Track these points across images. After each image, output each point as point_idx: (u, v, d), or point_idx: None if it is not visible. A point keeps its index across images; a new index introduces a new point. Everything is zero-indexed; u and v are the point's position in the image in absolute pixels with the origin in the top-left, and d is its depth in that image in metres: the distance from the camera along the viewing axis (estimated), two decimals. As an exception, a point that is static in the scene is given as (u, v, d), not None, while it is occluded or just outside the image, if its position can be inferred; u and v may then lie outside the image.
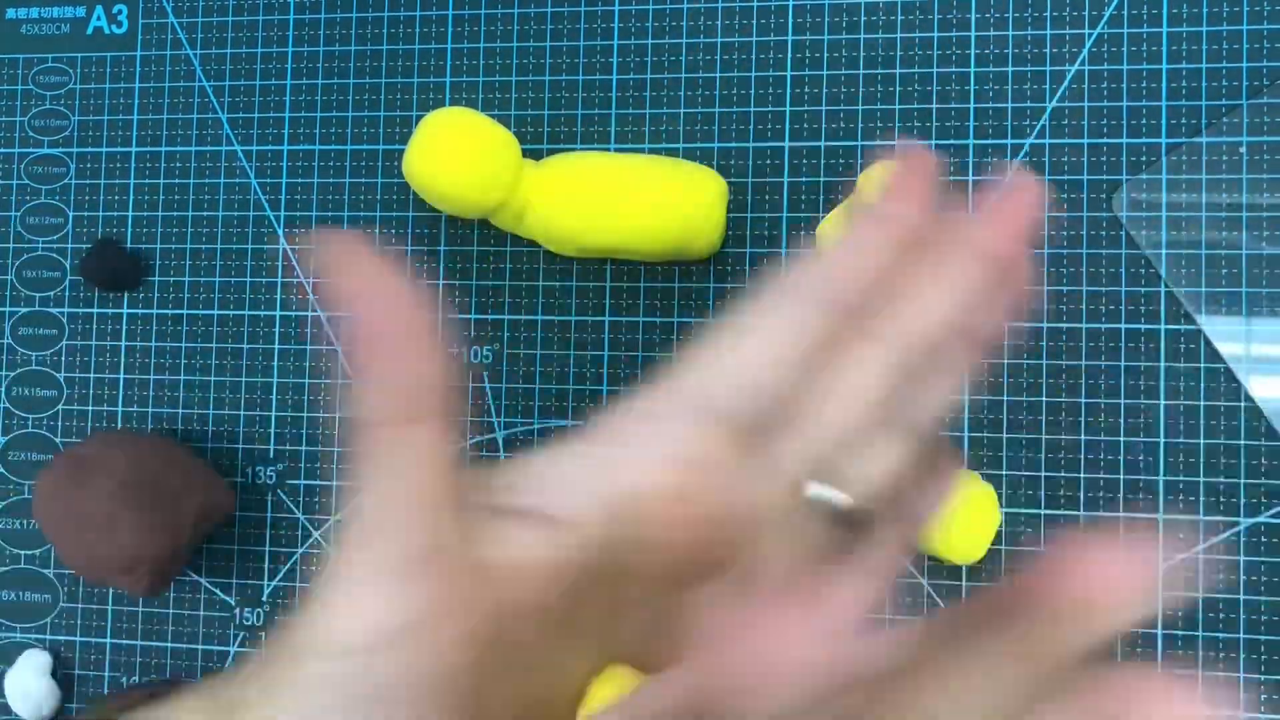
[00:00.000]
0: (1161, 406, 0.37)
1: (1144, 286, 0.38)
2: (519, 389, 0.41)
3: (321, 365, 0.42)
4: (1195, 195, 0.36)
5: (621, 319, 0.40)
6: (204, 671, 0.42)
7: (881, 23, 0.39)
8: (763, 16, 0.40)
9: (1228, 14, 0.38)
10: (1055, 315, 0.38)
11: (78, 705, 0.43)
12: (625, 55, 0.41)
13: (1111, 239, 0.38)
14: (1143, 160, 0.38)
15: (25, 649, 0.43)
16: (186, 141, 0.43)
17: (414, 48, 0.42)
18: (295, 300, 0.42)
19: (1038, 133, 0.38)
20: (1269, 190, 0.36)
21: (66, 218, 0.44)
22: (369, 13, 0.43)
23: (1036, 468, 0.38)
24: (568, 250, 0.39)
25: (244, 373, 0.42)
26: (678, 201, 0.37)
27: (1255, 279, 0.36)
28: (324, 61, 0.43)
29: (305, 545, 0.42)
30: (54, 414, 0.43)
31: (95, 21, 0.44)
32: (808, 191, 0.40)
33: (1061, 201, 0.38)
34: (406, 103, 0.42)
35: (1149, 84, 0.38)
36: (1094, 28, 0.38)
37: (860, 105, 0.39)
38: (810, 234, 0.39)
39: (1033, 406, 0.38)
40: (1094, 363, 0.38)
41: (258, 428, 0.42)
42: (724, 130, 0.40)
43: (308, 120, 0.43)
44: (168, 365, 0.43)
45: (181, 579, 0.42)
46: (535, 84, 0.41)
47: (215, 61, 0.43)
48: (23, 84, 0.44)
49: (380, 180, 0.42)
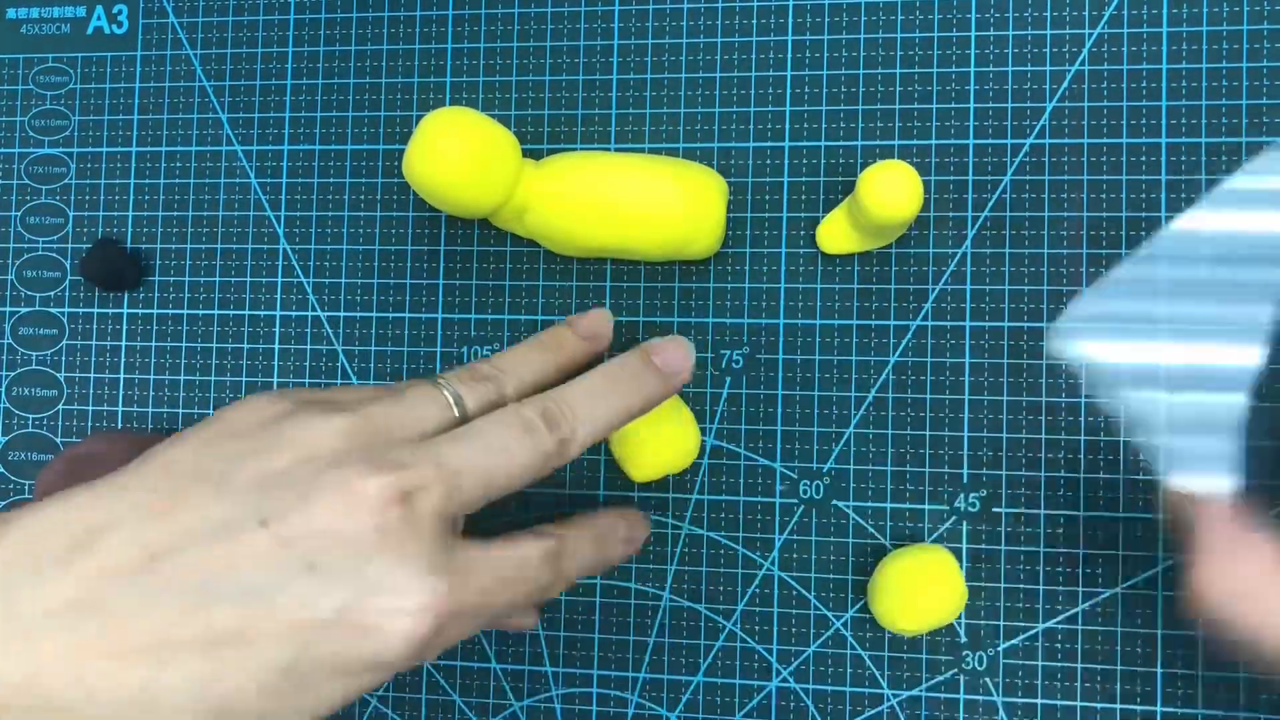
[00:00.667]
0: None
1: (1144, 286, 0.38)
2: (519, 389, 0.41)
3: (321, 365, 0.42)
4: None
5: (621, 319, 0.40)
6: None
7: (881, 23, 0.40)
8: (763, 16, 0.40)
9: (1228, 14, 0.38)
10: (1055, 315, 0.38)
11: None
12: (625, 55, 0.41)
13: (1111, 239, 0.38)
14: (1143, 160, 0.38)
15: (25, 649, 0.43)
16: (187, 141, 0.43)
17: (414, 48, 0.42)
18: (295, 300, 0.42)
19: (1038, 133, 0.39)
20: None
21: (66, 218, 0.44)
22: (369, 13, 0.43)
23: (1036, 468, 0.38)
24: (568, 250, 0.39)
25: (244, 373, 0.42)
26: (678, 201, 0.37)
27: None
28: (324, 61, 0.43)
29: (305, 545, 0.42)
30: (54, 414, 0.43)
31: (95, 21, 0.44)
32: (808, 191, 0.40)
33: (1061, 201, 0.38)
34: (406, 103, 0.42)
35: (1149, 84, 0.38)
36: (1094, 28, 0.38)
37: (860, 105, 0.39)
38: (810, 234, 0.39)
39: (1032, 407, 0.38)
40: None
41: (258, 428, 0.42)
42: (724, 130, 0.40)
43: (308, 120, 0.43)
44: (168, 365, 0.43)
45: (181, 579, 0.42)
46: (535, 84, 0.41)
47: (215, 61, 0.43)
48: (23, 84, 0.44)
49: (380, 180, 0.42)
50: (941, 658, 0.38)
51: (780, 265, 0.40)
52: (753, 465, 0.39)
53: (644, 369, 0.33)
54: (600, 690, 0.40)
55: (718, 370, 0.40)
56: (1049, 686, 0.38)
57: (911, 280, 0.39)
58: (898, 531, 0.38)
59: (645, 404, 0.33)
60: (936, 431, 0.38)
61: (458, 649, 0.41)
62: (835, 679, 0.39)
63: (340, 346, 0.42)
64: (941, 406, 0.38)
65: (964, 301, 0.38)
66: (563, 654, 0.40)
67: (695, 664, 0.40)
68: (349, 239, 0.42)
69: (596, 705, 0.40)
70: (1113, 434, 0.38)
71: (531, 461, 0.29)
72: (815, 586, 0.39)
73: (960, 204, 0.39)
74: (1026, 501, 0.38)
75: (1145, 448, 0.31)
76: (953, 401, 0.38)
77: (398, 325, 0.42)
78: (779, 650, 0.39)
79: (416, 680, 0.41)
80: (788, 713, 0.39)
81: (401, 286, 0.42)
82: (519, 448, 0.29)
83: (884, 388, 0.39)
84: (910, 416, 0.39)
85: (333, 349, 0.42)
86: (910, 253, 0.39)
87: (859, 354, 0.39)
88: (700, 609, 0.40)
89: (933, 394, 0.39)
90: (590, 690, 0.40)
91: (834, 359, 0.39)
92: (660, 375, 0.33)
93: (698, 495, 0.40)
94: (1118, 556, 0.38)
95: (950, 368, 0.38)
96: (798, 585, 0.39)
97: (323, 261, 0.42)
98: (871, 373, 0.39)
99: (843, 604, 0.39)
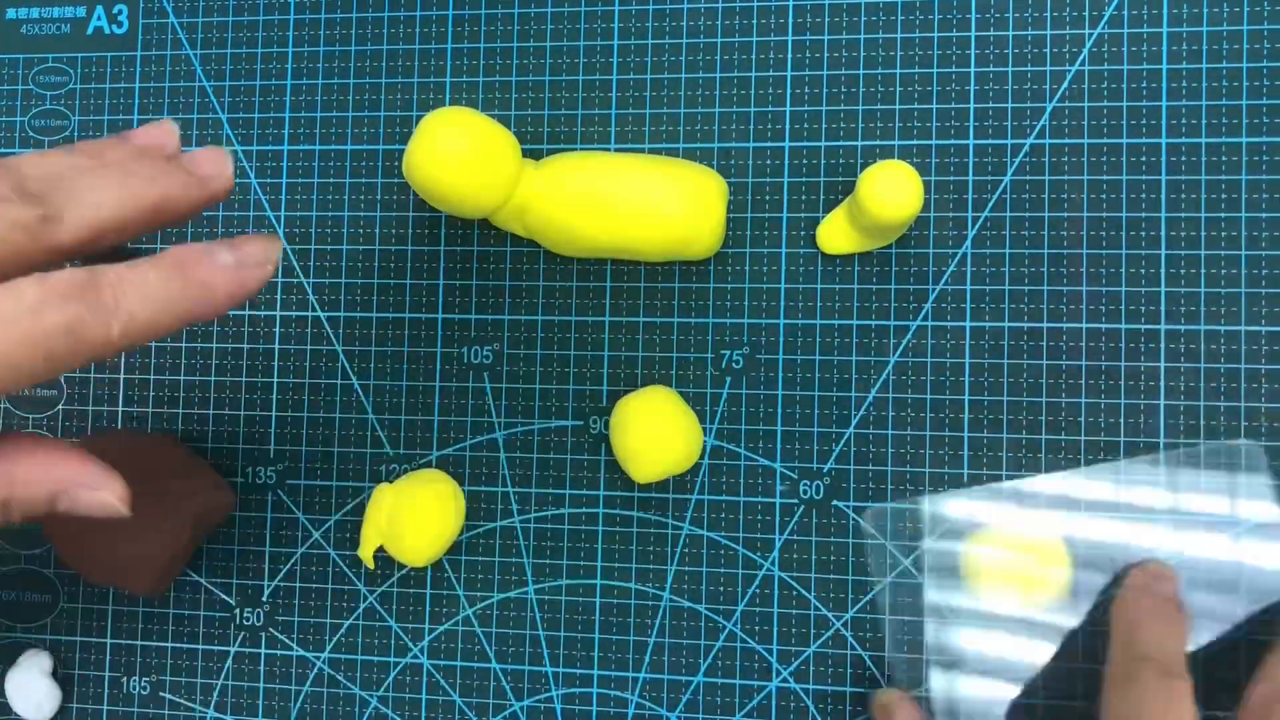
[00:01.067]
0: (1162, 406, 0.37)
1: (1144, 286, 0.38)
2: (519, 389, 0.41)
3: (321, 365, 0.42)
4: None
5: (621, 319, 0.40)
6: (204, 672, 0.42)
7: (881, 23, 0.40)
8: (763, 16, 0.40)
9: (1228, 14, 0.38)
10: (1055, 315, 0.38)
11: (78, 705, 0.43)
12: (625, 55, 0.41)
13: (1112, 239, 0.38)
14: (1143, 160, 0.38)
15: (25, 649, 0.43)
16: (187, 142, 0.43)
17: (414, 48, 0.42)
18: (295, 300, 0.42)
19: (1038, 133, 0.39)
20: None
21: (66, 218, 0.44)
22: (369, 13, 0.43)
23: (1036, 468, 0.38)
24: (568, 250, 0.39)
25: (244, 373, 0.42)
26: (678, 201, 0.37)
27: None
28: (324, 61, 0.43)
29: (305, 545, 0.42)
30: (54, 414, 0.43)
31: (95, 21, 0.44)
32: (808, 191, 0.40)
33: (1061, 201, 0.38)
34: (406, 103, 0.42)
35: (1149, 84, 0.38)
36: (1094, 28, 0.38)
37: (860, 105, 0.39)
38: (810, 234, 0.39)
39: (1032, 407, 0.38)
40: (1094, 363, 0.38)
41: (258, 428, 0.42)
42: (724, 130, 0.40)
43: (308, 120, 0.43)
44: (168, 365, 0.43)
45: (181, 579, 0.42)
46: (535, 84, 0.41)
47: (215, 61, 0.43)
48: (23, 84, 0.44)
49: (380, 180, 0.42)
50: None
51: (780, 265, 0.40)
52: (753, 465, 0.39)
53: (165, 163, 0.30)
54: (600, 690, 0.40)
55: (718, 370, 0.40)
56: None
57: (911, 280, 0.39)
58: (898, 531, 0.38)
59: (163, 199, 0.29)
60: (937, 431, 0.38)
61: (458, 649, 0.41)
62: (835, 679, 0.39)
63: (340, 347, 0.42)
64: (941, 406, 0.38)
65: (964, 301, 0.38)
66: (563, 654, 0.40)
67: (695, 664, 0.40)
68: (349, 239, 0.42)
69: (596, 705, 0.40)
70: (1113, 434, 0.38)
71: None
72: (815, 586, 0.39)
73: (960, 204, 0.39)
74: (1026, 501, 0.38)
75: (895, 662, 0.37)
76: (953, 402, 0.38)
77: (398, 325, 0.42)
78: (779, 650, 0.39)
79: (417, 680, 0.41)
80: (788, 713, 0.39)
81: (401, 286, 0.42)
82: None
83: (884, 388, 0.39)
84: (910, 416, 0.39)
85: (333, 349, 0.42)
86: (910, 253, 0.39)
87: (859, 354, 0.39)
88: (700, 609, 0.40)
89: (933, 394, 0.39)
90: (590, 690, 0.40)
91: (834, 359, 0.39)
92: (184, 171, 0.30)
93: (698, 495, 0.40)
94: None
95: (950, 368, 0.38)
96: (798, 585, 0.39)
97: (323, 261, 0.42)
98: (871, 373, 0.39)
99: (843, 604, 0.39)
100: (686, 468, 0.38)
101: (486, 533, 0.41)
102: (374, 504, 0.39)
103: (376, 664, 0.41)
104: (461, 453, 0.41)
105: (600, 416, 0.40)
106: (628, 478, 0.40)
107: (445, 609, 0.41)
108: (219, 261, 0.29)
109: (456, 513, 0.39)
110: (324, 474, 0.42)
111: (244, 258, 0.30)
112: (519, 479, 0.41)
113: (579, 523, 0.40)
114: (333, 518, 0.42)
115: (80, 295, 0.27)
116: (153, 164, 0.30)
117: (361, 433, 0.42)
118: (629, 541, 0.40)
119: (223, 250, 0.29)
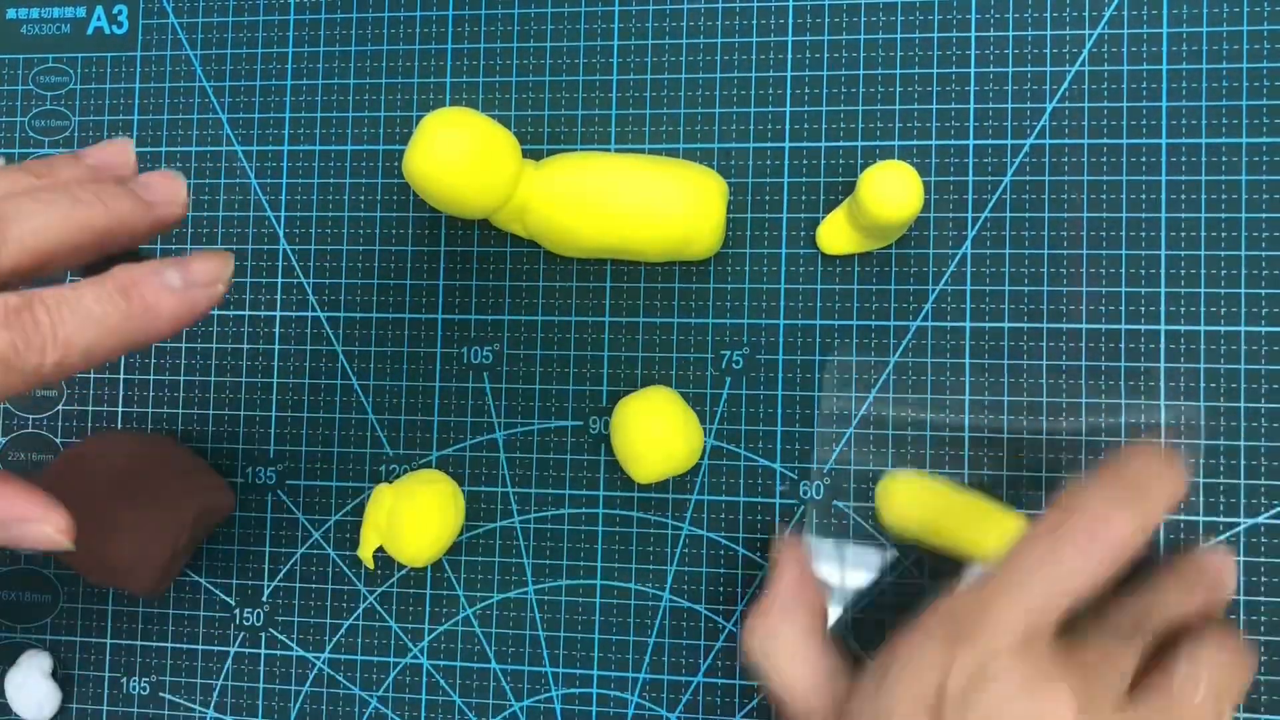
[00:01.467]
0: (1162, 406, 0.37)
1: (1144, 287, 0.38)
2: (519, 389, 0.41)
3: (321, 365, 0.42)
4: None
5: (621, 319, 0.40)
6: (204, 672, 0.42)
7: (881, 23, 0.40)
8: (763, 16, 0.40)
9: (1228, 14, 0.38)
10: (1055, 315, 0.38)
11: (77, 705, 0.43)
12: (625, 55, 0.41)
13: (1112, 239, 0.38)
14: (1143, 160, 0.38)
15: (25, 649, 0.43)
16: (187, 142, 0.43)
17: (414, 48, 0.42)
18: (295, 300, 0.42)
19: (1038, 133, 0.39)
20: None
21: (66, 218, 0.44)
22: (369, 13, 0.43)
23: (1037, 468, 0.38)
24: (568, 250, 0.39)
25: (244, 373, 0.42)
26: (678, 201, 0.37)
27: None
28: (324, 61, 0.43)
29: (305, 545, 0.42)
30: (54, 414, 0.43)
31: (95, 22, 0.44)
32: (808, 191, 0.40)
33: (1061, 202, 0.38)
34: (406, 103, 0.42)
35: (1149, 84, 0.38)
36: (1094, 28, 0.38)
37: (860, 105, 0.39)
38: (810, 234, 0.39)
39: (1033, 407, 0.38)
40: (1094, 363, 0.38)
41: (258, 428, 0.42)
42: (724, 130, 0.40)
43: (308, 120, 0.43)
44: (168, 365, 0.43)
45: (181, 579, 0.42)
46: (535, 84, 0.41)
47: (215, 61, 0.43)
48: (23, 84, 0.44)
49: (380, 180, 0.42)
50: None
51: (780, 265, 0.40)
52: (753, 465, 0.39)
53: (114, 186, 0.29)
54: (600, 690, 0.40)
55: (718, 370, 0.40)
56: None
57: (911, 280, 0.39)
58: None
59: (111, 224, 0.28)
60: (937, 432, 0.38)
61: (457, 649, 0.41)
62: (835, 679, 0.39)
63: (340, 347, 0.42)
64: (941, 406, 0.38)
65: (964, 301, 0.38)
66: (563, 654, 0.40)
67: (695, 664, 0.40)
68: (349, 239, 0.42)
69: (596, 705, 0.40)
70: (1113, 436, 0.38)
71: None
72: (815, 587, 0.39)
73: (960, 204, 0.39)
74: (1027, 501, 0.38)
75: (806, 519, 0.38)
76: (953, 402, 0.38)
77: (398, 325, 0.42)
78: (779, 650, 0.39)
79: (417, 680, 0.41)
80: (788, 713, 0.39)
81: (401, 287, 0.42)
82: None
83: (884, 388, 0.39)
84: (910, 416, 0.39)
85: (333, 349, 0.42)
86: (910, 253, 0.39)
87: (859, 354, 0.39)
88: (700, 609, 0.40)
89: (933, 394, 0.39)
90: (590, 690, 0.40)
91: (834, 359, 0.39)
92: (134, 197, 0.29)
93: (698, 495, 0.40)
94: (1118, 557, 0.38)
95: (950, 368, 0.38)
96: (798, 585, 0.39)
97: (323, 261, 0.42)
98: (871, 373, 0.39)
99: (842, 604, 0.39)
100: (687, 468, 0.38)
101: (486, 533, 0.41)
102: (374, 504, 0.39)
103: (376, 664, 0.41)
104: (461, 453, 0.41)
105: (600, 417, 0.40)
106: (628, 478, 0.40)
107: (445, 609, 0.41)
108: (165, 283, 0.28)
109: (456, 513, 0.39)
110: (324, 474, 0.42)
111: (192, 278, 0.29)
112: (519, 479, 0.41)
113: (579, 523, 0.40)
114: (333, 518, 0.42)
115: (15, 320, 0.26)
116: (100, 187, 0.29)
117: (361, 433, 0.42)
118: (629, 542, 0.40)
119: (170, 271, 0.28)
